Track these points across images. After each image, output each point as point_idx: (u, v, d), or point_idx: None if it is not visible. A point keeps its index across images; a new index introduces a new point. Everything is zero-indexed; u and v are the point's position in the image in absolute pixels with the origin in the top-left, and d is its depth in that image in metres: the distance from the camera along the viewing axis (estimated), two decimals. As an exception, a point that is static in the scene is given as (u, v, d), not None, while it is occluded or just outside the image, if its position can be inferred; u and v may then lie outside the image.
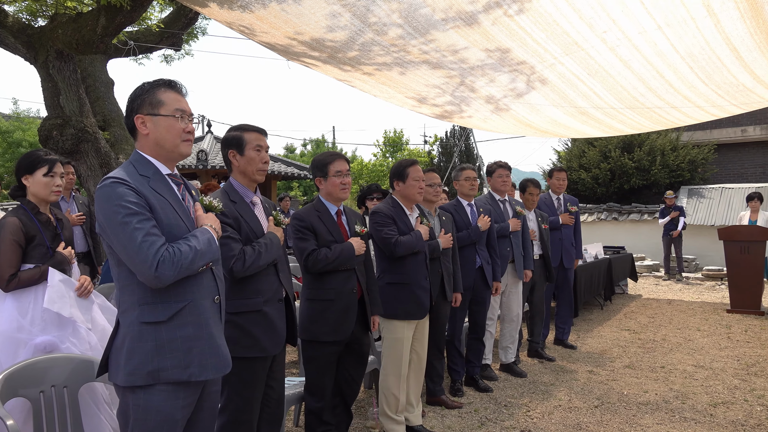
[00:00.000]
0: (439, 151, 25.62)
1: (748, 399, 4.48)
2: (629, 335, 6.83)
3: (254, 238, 2.68)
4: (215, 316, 2.10)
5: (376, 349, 4.21)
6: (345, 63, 4.94)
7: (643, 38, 4.69)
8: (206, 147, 16.25)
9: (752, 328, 7.13)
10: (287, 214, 3.56)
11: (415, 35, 4.40)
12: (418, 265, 3.78)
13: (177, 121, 2.06)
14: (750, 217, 10.07)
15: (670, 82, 5.50)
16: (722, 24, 4.41)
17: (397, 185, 3.86)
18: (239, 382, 2.62)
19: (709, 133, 17.25)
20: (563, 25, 4.49)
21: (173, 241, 1.95)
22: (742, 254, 8.15)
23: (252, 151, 2.73)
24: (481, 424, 4.03)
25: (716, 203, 14.18)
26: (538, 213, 5.76)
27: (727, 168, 17.27)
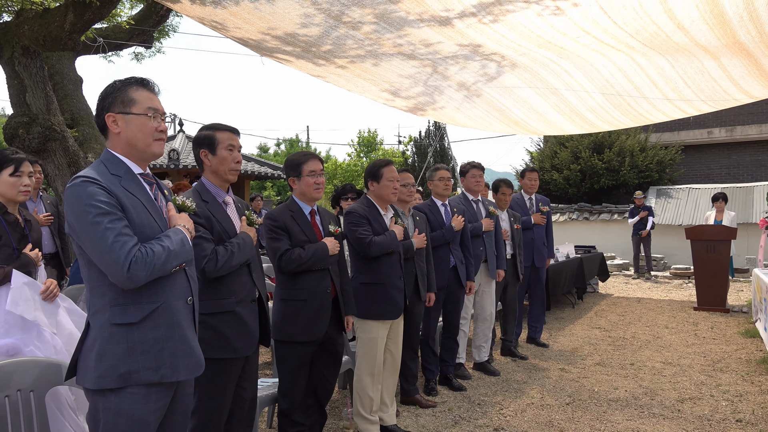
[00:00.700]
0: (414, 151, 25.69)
1: (714, 394, 4.60)
2: (600, 333, 6.94)
3: (227, 238, 2.65)
4: (188, 317, 2.08)
5: (350, 349, 4.21)
6: (319, 57, 4.93)
7: (616, 41, 4.76)
8: (178, 146, 16.05)
9: (718, 325, 7.30)
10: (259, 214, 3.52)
11: (390, 29, 4.41)
12: (392, 265, 3.79)
13: (149, 119, 2.04)
14: (715, 217, 10.33)
15: (647, 71, 5.52)
16: (696, 38, 4.51)
17: (371, 185, 3.86)
18: (211, 384, 2.59)
19: (676, 134, 17.62)
20: (537, 32, 4.56)
21: (146, 242, 1.92)
22: (708, 253, 8.35)
23: (224, 150, 2.71)
24: (455, 423, 4.05)
25: (683, 203, 14.51)
26: (511, 213, 5.81)
27: (693, 169, 17.67)
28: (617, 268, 13.27)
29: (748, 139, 17.07)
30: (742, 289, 10.51)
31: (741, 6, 3.89)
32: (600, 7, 3.97)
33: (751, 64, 5.09)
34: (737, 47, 4.68)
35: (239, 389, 2.76)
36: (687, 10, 4.05)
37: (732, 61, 5.05)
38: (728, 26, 4.29)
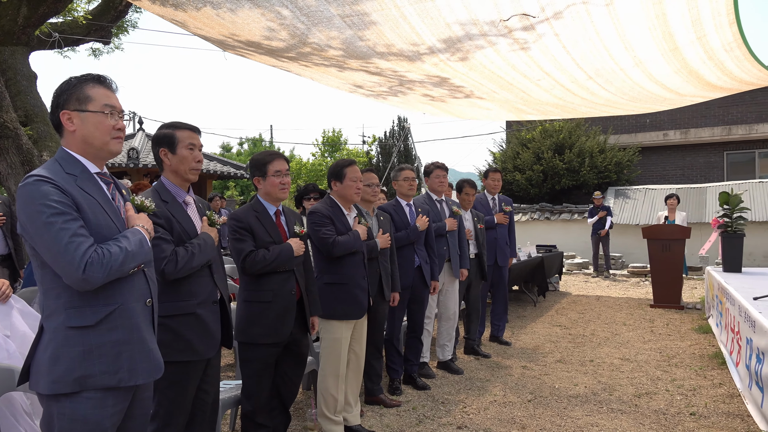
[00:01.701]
0: (378, 151, 25.73)
1: (669, 389, 4.73)
2: (560, 331, 7.07)
3: (187, 239, 2.61)
4: (147, 319, 2.04)
5: (314, 350, 4.19)
6: (284, 59, 4.91)
7: (576, 85, 4.90)
8: (137, 145, 15.72)
9: (673, 322, 7.52)
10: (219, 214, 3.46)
11: (354, 58, 4.43)
12: (356, 265, 3.78)
13: (106, 117, 1.99)
14: (667, 216, 10.64)
15: (607, 100, 5.77)
16: (650, 69, 4.68)
17: (334, 185, 3.85)
18: (171, 387, 2.54)
19: (633, 136, 18.09)
20: (498, 73, 4.64)
21: (102, 243, 1.88)
22: (664, 252, 8.60)
23: (185, 149, 2.66)
24: (419, 422, 4.07)
25: (640, 203, 14.90)
26: (474, 213, 5.87)
27: (650, 170, 18.16)
28: (577, 266, 13.55)
29: (701, 141, 17.64)
30: (696, 287, 10.85)
31: (690, 30, 4.05)
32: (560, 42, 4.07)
33: (703, 86, 5.32)
34: (691, 73, 4.88)
35: (200, 392, 2.72)
36: (644, 43, 4.19)
37: (684, 85, 5.26)
38: (680, 55, 4.46)
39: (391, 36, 3.87)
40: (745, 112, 17.11)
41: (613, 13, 3.78)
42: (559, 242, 13.69)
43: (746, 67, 4.85)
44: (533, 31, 3.85)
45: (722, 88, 5.57)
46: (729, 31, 4.12)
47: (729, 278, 6.52)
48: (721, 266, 7.63)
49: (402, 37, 3.90)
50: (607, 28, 3.91)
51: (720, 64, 4.73)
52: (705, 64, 4.70)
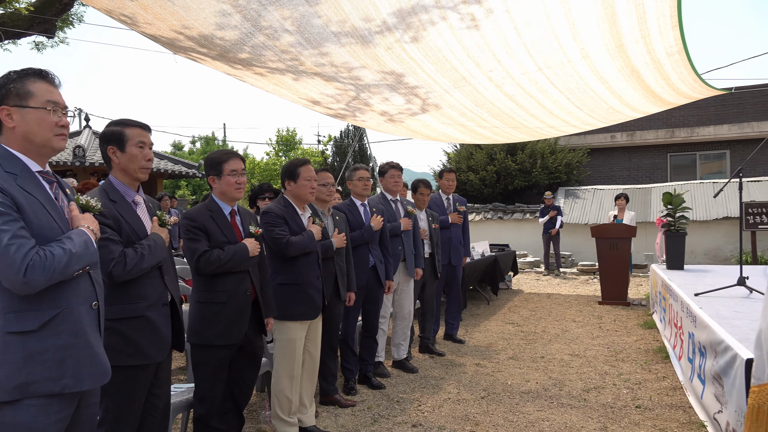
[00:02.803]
0: (333, 150, 25.66)
1: (616, 383, 4.88)
2: (513, 328, 7.21)
3: (136, 240, 2.54)
4: (93, 323, 1.98)
5: (268, 351, 4.15)
6: (236, 62, 4.82)
7: (526, 78, 4.98)
8: (83, 142, 15.22)
9: (620, 318, 7.77)
10: (169, 214, 3.36)
11: (307, 46, 4.37)
12: (310, 265, 3.76)
13: (48, 114, 1.92)
14: (617, 215, 10.99)
15: (551, 110, 5.90)
16: (595, 64, 4.78)
17: (288, 185, 3.82)
18: (120, 393, 2.47)
19: (583, 138, 18.58)
20: (452, 61, 4.66)
21: (45, 244, 1.81)
22: (611, 250, 8.87)
23: (134, 147, 2.59)
24: (374, 421, 4.08)
25: (589, 203, 15.33)
26: (429, 213, 5.92)
27: (598, 171, 18.71)
28: (529, 265, 13.83)
29: (646, 143, 18.27)
30: (641, 284, 11.23)
31: (636, 28, 4.16)
32: (512, 22, 4.10)
33: (644, 91, 5.49)
34: (633, 73, 5.02)
35: (151, 397, 2.65)
36: (592, 36, 4.28)
37: (625, 89, 5.42)
38: (625, 53, 4.58)
39: (346, 7, 3.84)
40: (687, 116, 17.82)
41: (564, 1, 3.85)
42: (512, 241, 13.95)
43: (683, 74, 5.03)
44: (484, 3, 3.86)
45: (659, 98, 5.76)
46: (671, 35, 4.25)
47: (672, 275, 6.78)
48: (665, 264, 7.93)
49: (357, 8, 3.87)
50: (557, 12, 3.97)
51: (660, 68, 4.89)
52: (647, 66, 4.84)
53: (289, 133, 36.09)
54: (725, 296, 5.11)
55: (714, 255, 13.39)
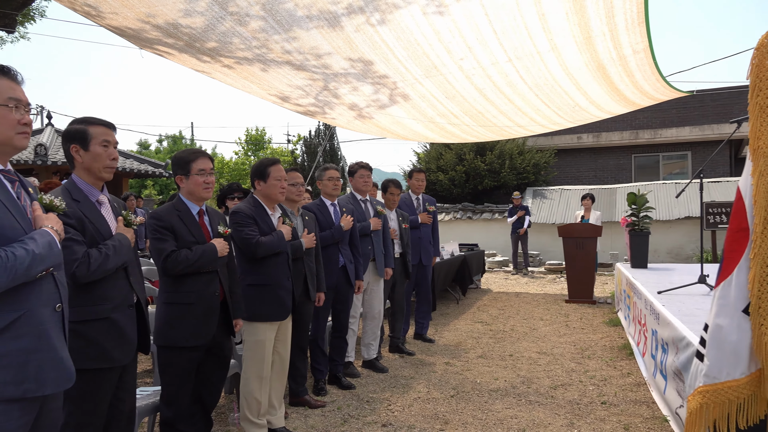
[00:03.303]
0: (303, 150, 25.53)
1: (582, 380, 4.97)
2: (482, 327, 7.28)
3: (101, 240, 2.49)
4: (57, 325, 1.93)
5: (237, 353, 4.11)
6: (203, 53, 4.74)
7: (496, 69, 5.01)
8: (46, 141, 14.85)
9: (586, 316, 7.91)
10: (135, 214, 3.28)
11: (278, 30, 4.32)
12: (280, 266, 3.74)
13: (10, 111, 1.87)
14: (583, 215, 11.19)
15: (519, 107, 5.96)
16: (563, 57, 4.84)
17: (258, 185, 3.79)
18: (84, 396, 2.42)
19: (550, 139, 18.87)
20: (423, 46, 4.65)
21: (6, 245, 1.76)
22: (578, 250, 9.03)
23: (98, 146, 2.53)
24: (344, 421, 4.08)
25: (556, 203, 15.57)
26: (399, 212, 5.94)
27: (565, 171, 19.03)
28: (498, 264, 13.98)
29: (612, 144, 18.65)
30: (607, 282, 11.45)
31: (604, 21, 4.23)
32: (482, 8, 4.11)
33: (609, 88, 5.58)
34: (599, 69, 5.10)
35: (116, 400, 2.60)
36: (561, 27, 4.33)
37: (591, 84, 5.50)
38: (593, 47, 4.65)
39: None
40: (651, 118, 18.25)
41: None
42: (481, 241, 14.07)
43: (647, 72, 5.12)
44: None
45: (623, 96, 5.85)
46: (637, 31, 4.32)
47: (636, 274, 6.94)
48: (629, 262, 8.11)
49: None
50: (527, 1, 4.00)
51: (625, 65, 4.97)
52: (613, 62, 4.92)
53: (258, 132, 35.78)
54: (687, 294, 5.24)
55: (676, 253, 13.74)
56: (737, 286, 2.45)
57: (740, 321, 2.43)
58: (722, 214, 8.99)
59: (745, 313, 2.43)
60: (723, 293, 2.48)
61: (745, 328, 2.42)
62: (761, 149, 2.40)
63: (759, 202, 2.40)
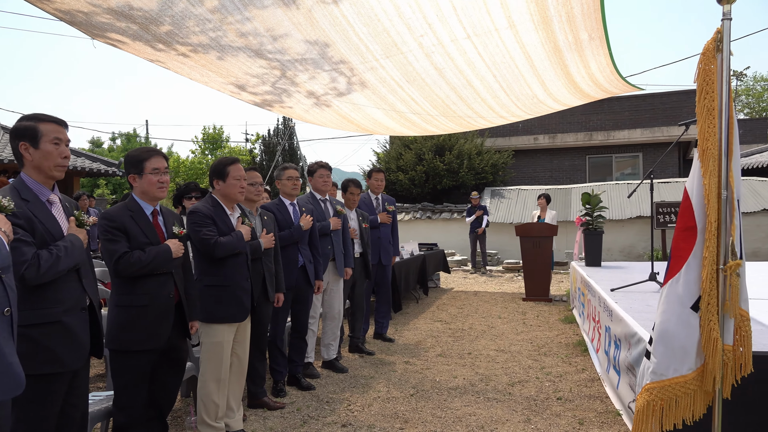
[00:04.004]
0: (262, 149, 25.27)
1: (539, 377, 5.07)
2: (441, 326, 7.34)
3: (51, 241, 2.41)
4: (5, 330, 1.86)
5: (193, 355, 4.04)
6: (158, 40, 4.58)
7: (455, 46, 5.01)
8: (-9, 137, 14.25)
9: (543, 314, 8.07)
10: (88, 214, 3.16)
11: (234, 9, 4.20)
12: (238, 266, 3.69)
13: None
14: (539, 215, 11.41)
15: (478, 91, 5.98)
16: (520, 35, 4.86)
17: (216, 184, 3.74)
18: (33, 402, 2.34)
19: (508, 140, 19.19)
20: (384, 22, 4.61)
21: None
22: (534, 249, 9.20)
23: (49, 144, 2.45)
24: (303, 423, 4.06)
25: (514, 203, 15.82)
26: (360, 212, 5.94)
27: (522, 172, 19.37)
28: (457, 263, 14.12)
29: (567, 145, 19.08)
30: (562, 281, 11.71)
31: (561, 3, 4.26)
32: None
33: (564, 74, 5.63)
34: (555, 52, 5.14)
35: (67, 406, 2.53)
36: (518, 5, 4.34)
37: (548, 70, 5.53)
38: (550, 27, 4.69)
39: None
40: (604, 120, 18.75)
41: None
42: (440, 240, 14.21)
43: (601, 63, 5.19)
44: None
45: (577, 86, 5.84)
46: (593, 17, 4.38)
47: (590, 272, 7.11)
48: (583, 261, 8.31)
49: None
50: None
51: (581, 51, 5.01)
52: (569, 47, 4.94)
53: (215, 131, 35.22)
54: (638, 291, 5.41)
55: (628, 252, 14.15)
56: (685, 283, 2.54)
57: (689, 317, 2.52)
58: (672, 213, 9.29)
59: (694, 309, 2.52)
60: (670, 291, 2.57)
61: (694, 325, 2.51)
62: (709, 150, 2.50)
63: (711, 202, 2.49)
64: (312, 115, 6.95)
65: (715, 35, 2.51)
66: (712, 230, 2.46)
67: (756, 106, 35.62)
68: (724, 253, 2.47)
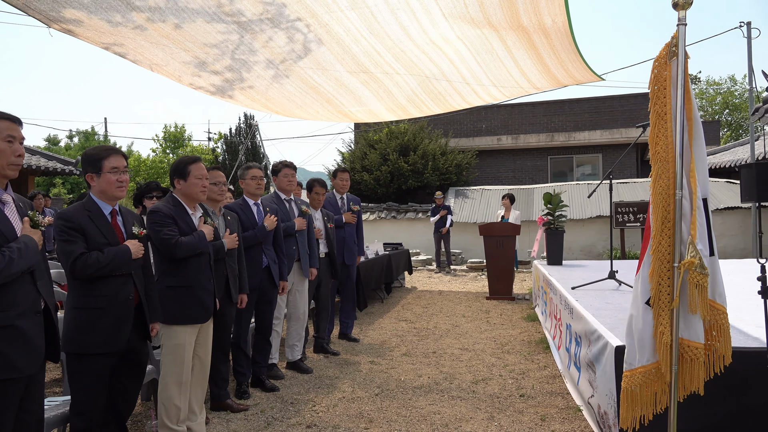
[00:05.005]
0: (224, 148, 24.94)
1: (502, 374, 5.14)
2: (406, 325, 7.37)
3: (4, 243, 2.33)
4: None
5: (154, 358, 3.96)
6: (114, 9, 4.40)
7: (421, 5, 4.91)
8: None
9: (506, 312, 8.18)
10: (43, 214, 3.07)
11: None
12: (201, 267, 3.64)
13: None
14: (503, 215, 11.56)
15: (446, 52, 5.76)
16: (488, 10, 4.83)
17: (178, 183, 3.67)
18: (-14, 409, 2.26)
19: (471, 140, 19.40)
20: None
21: None
22: (498, 248, 9.31)
23: (2, 142, 2.37)
24: (268, 424, 4.02)
25: (478, 203, 16.00)
26: (325, 212, 5.92)
27: (486, 172, 19.60)
28: (421, 263, 14.20)
29: (529, 146, 19.39)
30: (525, 279, 11.89)
31: None
32: None
33: (534, 55, 5.60)
34: (521, 31, 5.13)
35: (22, 413, 2.45)
36: None
37: (518, 47, 5.48)
38: (514, 8, 4.69)
39: None
40: (565, 121, 19.12)
41: None
42: (405, 240, 14.26)
43: (567, 48, 5.21)
44: None
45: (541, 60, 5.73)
46: (556, 3, 4.42)
47: (552, 270, 7.25)
48: (546, 260, 8.46)
49: None
50: None
51: (547, 36, 5.04)
52: (534, 30, 4.97)
53: (177, 129, 34.62)
54: (598, 289, 5.53)
55: (589, 251, 14.46)
56: (642, 280, 2.64)
57: (644, 312, 2.63)
58: (630, 213, 9.54)
59: (648, 304, 2.62)
60: (635, 286, 2.69)
61: (648, 320, 2.61)
62: (659, 154, 2.59)
63: (656, 202, 2.59)
64: (273, 91, 6.63)
65: (671, 40, 2.59)
66: (658, 229, 2.56)
67: (709, 109, 36.83)
68: (678, 251, 2.55)
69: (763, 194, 2.98)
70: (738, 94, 36.13)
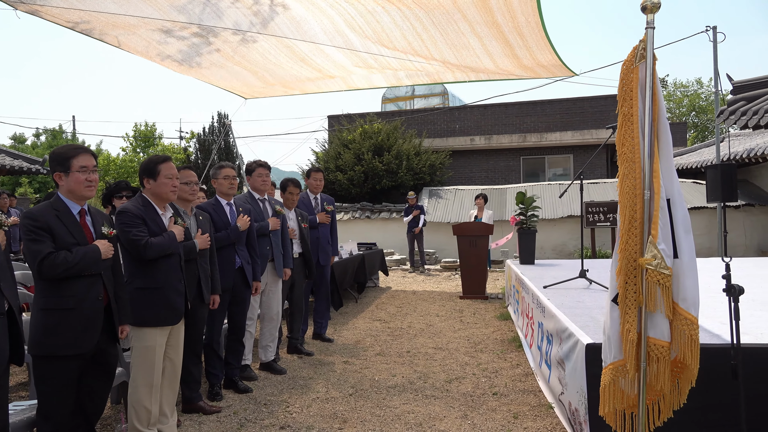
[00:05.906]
0: (197, 147, 24.63)
1: (475, 373, 5.17)
2: (380, 325, 7.37)
3: (-33, 243, 2.27)
4: None
5: (124, 360, 3.89)
6: None
7: None
8: None
9: (479, 311, 8.24)
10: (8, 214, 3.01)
11: None
12: (171, 268, 3.59)
13: None
14: (476, 215, 11.65)
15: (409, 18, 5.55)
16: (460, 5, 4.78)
17: (147, 183, 3.62)
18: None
19: (445, 140, 19.51)
20: None
21: None
22: (471, 247, 9.37)
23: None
24: (241, 426, 3.99)
25: (451, 203, 16.09)
26: (299, 212, 5.88)
27: (459, 172, 19.72)
28: (396, 263, 14.23)
29: (502, 147, 19.56)
30: (498, 279, 11.99)
31: None
32: None
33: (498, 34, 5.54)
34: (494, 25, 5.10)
35: (-15, 417, 2.39)
36: None
37: (484, 29, 5.42)
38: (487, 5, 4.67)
39: None
40: (537, 122, 19.34)
41: None
42: (379, 240, 14.27)
43: (539, 42, 5.22)
44: None
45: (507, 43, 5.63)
46: (529, 4, 4.43)
47: (524, 270, 7.32)
48: (518, 259, 8.54)
49: None
50: None
51: (519, 28, 5.02)
52: (507, 26, 4.97)
53: (148, 127, 34.11)
54: (569, 288, 5.61)
55: (560, 250, 14.65)
56: (611, 278, 2.69)
57: (611, 309, 2.68)
58: (600, 213, 9.68)
59: (614, 302, 2.67)
60: (608, 284, 2.75)
61: (615, 317, 2.67)
62: (625, 155, 2.64)
63: (623, 202, 2.65)
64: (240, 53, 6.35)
65: (639, 43, 2.64)
66: (625, 228, 2.61)
67: (676, 111, 37.62)
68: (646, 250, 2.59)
69: (727, 194, 3.06)
70: (704, 97, 36.97)
